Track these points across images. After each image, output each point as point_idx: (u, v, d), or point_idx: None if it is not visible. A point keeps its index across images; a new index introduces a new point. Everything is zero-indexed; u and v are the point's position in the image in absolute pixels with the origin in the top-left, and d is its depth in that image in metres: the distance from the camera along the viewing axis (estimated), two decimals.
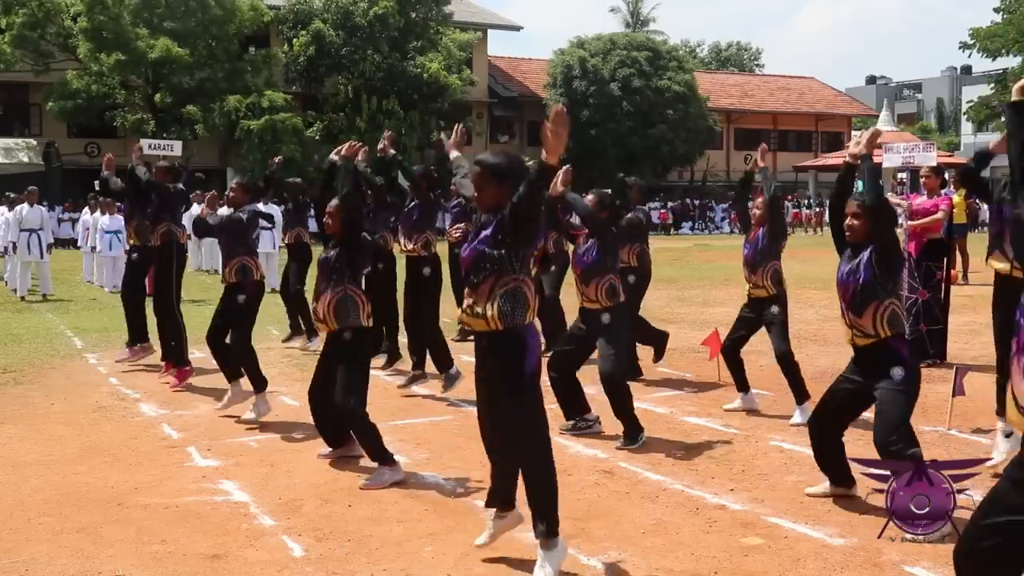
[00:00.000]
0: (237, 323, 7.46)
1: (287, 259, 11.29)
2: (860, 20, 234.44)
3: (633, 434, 6.48)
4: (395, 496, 5.44)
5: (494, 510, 4.47)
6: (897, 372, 4.86)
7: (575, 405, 6.81)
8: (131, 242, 9.74)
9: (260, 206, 17.89)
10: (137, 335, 9.66)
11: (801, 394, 7.04)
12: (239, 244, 7.57)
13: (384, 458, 5.67)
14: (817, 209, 41.72)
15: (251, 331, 7.58)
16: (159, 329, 8.99)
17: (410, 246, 8.33)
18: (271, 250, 15.89)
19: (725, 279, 17.89)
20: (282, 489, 5.59)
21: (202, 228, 8.11)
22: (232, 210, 7.97)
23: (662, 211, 41.97)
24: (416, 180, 8.46)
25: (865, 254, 4.98)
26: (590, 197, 6.61)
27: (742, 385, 7.41)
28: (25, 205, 16.51)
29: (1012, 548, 2.47)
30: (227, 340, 7.52)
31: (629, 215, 8.33)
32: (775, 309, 7.08)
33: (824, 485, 5.29)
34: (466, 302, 4.25)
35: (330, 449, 6.21)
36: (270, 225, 16.22)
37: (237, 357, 7.42)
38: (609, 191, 6.90)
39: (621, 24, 62.07)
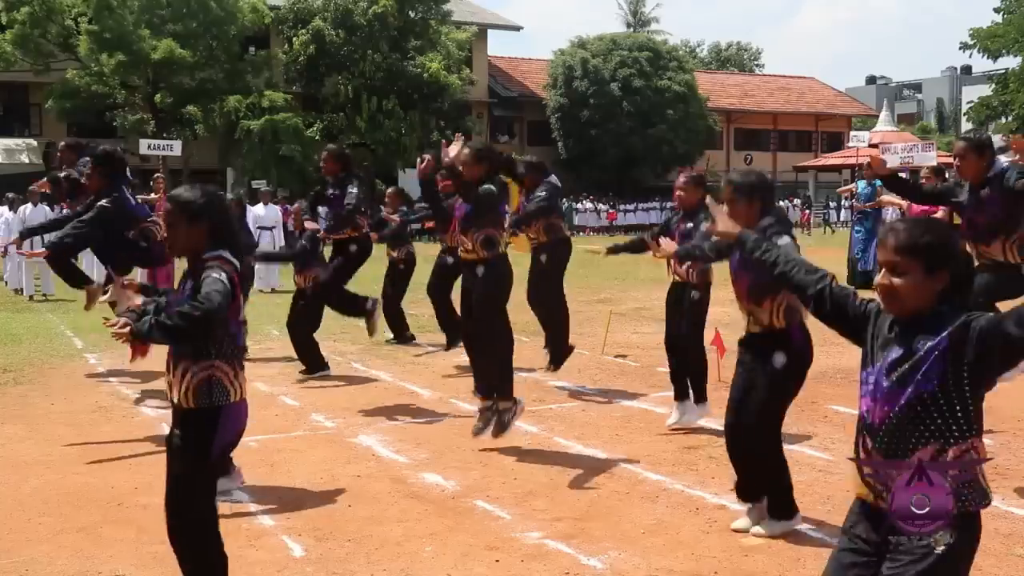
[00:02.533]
0: None
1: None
2: (860, 20, 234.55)
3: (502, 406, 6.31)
4: (395, 496, 5.45)
5: None
6: (778, 358, 4.65)
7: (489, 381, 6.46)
8: None
9: (261, 208, 17.68)
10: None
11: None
12: None
13: None
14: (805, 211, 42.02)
15: None
16: None
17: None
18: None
19: (724, 278, 17.88)
20: (282, 489, 5.59)
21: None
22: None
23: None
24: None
25: None
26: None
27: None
28: (29, 205, 16.54)
29: None
30: None
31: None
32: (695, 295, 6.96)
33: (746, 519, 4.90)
34: None
35: None
36: (270, 226, 16.16)
37: None
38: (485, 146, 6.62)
39: (623, 23, 62.12)
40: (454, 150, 6.32)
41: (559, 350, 8.36)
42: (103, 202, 7.28)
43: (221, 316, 3.57)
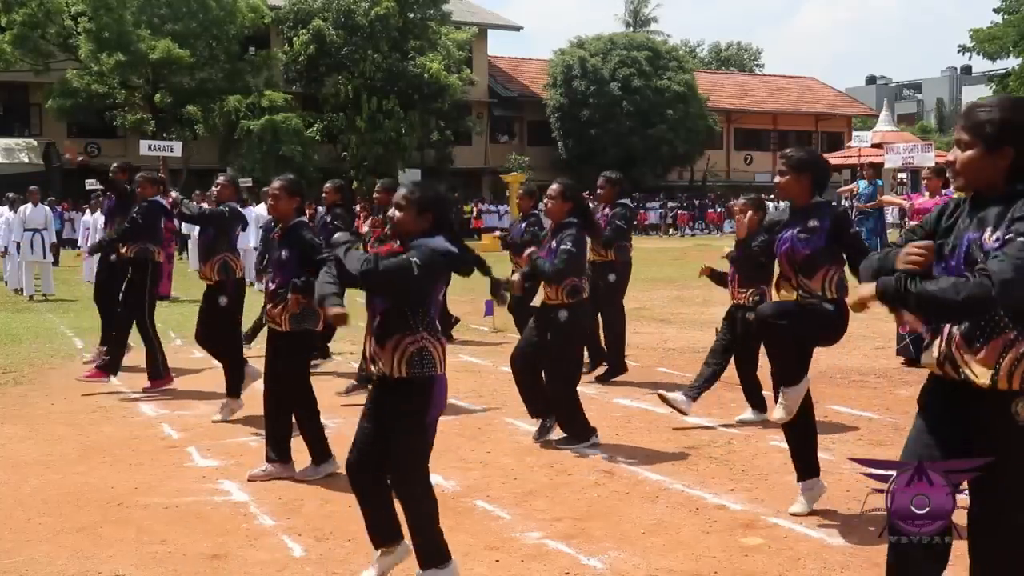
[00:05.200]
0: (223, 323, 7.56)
1: None
2: (860, 20, 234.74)
3: (577, 435, 6.42)
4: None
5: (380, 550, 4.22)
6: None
7: (539, 404, 6.64)
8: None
9: (262, 208, 17.72)
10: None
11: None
12: (222, 240, 7.66)
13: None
14: None
15: (240, 329, 7.74)
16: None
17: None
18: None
19: None
20: (282, 489, 5.59)
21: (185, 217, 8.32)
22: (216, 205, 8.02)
23: (669, 211, 42.09)
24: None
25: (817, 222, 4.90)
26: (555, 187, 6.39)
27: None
28: (29, 205, 16.55)
29: None
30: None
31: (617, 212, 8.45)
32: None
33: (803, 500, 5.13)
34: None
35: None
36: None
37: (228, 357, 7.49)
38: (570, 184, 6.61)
39: (621, 24, 62.12)
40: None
41: (619, 362, 8.69)
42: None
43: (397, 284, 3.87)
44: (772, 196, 21.56)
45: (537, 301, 7.08)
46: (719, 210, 43.61)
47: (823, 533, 4.75)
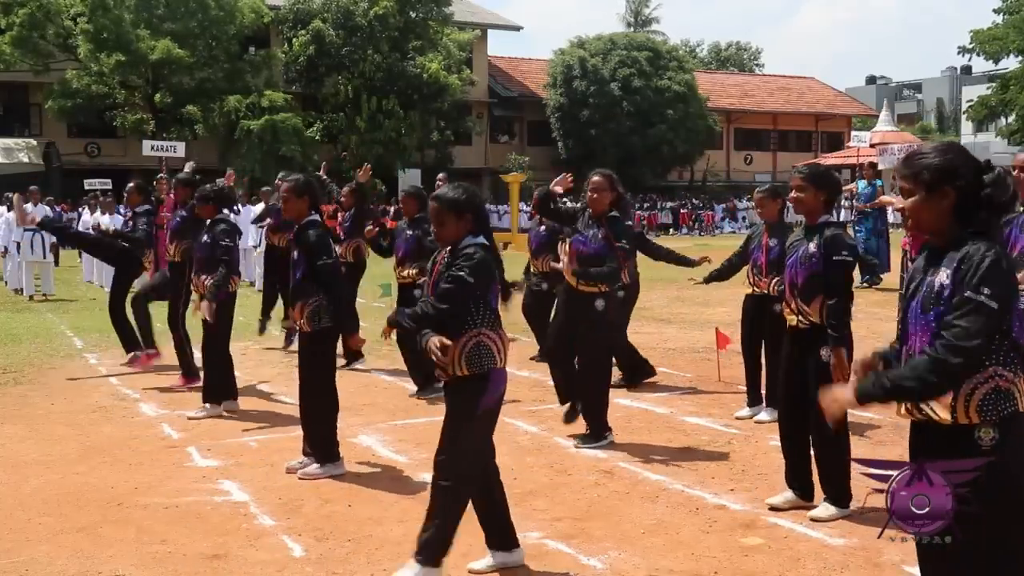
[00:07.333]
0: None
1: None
2: (860, 20, 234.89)
3: (597, 434, 6.47)
4: (395, 496, 5.45)
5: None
6: (825, 352, 4.87)
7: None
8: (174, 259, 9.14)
9: (261, 207, 17.67)
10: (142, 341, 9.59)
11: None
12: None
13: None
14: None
15: (228, 339, 7.61)
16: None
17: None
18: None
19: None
20: (282, 489, 5.59)
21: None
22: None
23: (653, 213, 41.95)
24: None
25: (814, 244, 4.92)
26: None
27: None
28: (29, 204, 16.52)
29: None
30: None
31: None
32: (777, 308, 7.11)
33: (787, 495, 5.17)
34: None
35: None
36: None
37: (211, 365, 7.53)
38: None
39: (622, 24, 62.11)
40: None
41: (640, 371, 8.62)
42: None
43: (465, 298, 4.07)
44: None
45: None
46: (706, 210, 43.56)
47: (823, 533, 4.75)
